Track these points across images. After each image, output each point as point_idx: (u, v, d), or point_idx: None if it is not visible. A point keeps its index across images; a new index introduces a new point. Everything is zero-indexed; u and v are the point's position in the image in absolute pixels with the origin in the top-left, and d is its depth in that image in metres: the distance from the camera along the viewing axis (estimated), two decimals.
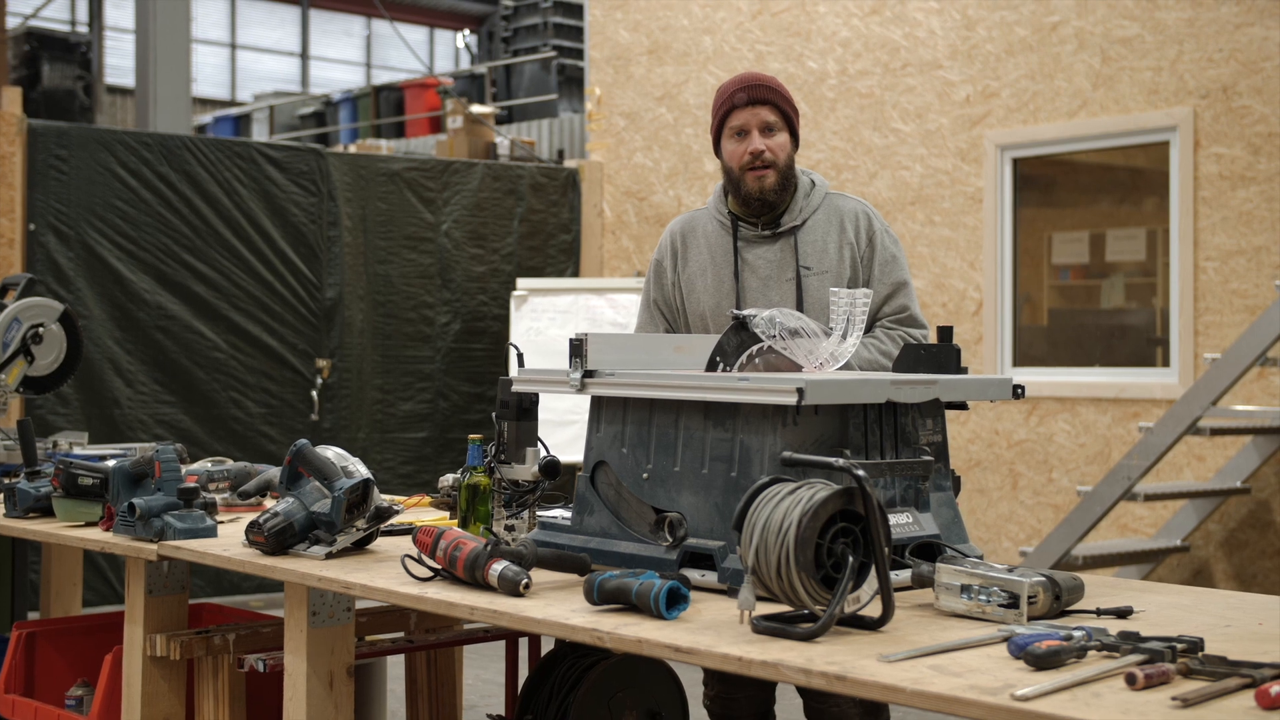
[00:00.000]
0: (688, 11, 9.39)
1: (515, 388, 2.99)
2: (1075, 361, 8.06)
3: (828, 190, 3.57)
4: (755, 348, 2.82)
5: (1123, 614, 2.36)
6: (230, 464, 4.12)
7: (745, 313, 2.84)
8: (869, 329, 3.51)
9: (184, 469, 3.99)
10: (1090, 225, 8.30)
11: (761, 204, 3.47)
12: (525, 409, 3.09)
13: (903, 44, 8.34)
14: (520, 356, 3.14)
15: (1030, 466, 7.78)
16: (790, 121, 3.48)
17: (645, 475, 2.73)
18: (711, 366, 2.84)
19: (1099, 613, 2.37)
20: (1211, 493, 6.92)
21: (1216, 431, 6.63)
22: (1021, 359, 8.04)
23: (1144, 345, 7.90)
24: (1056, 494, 7.67)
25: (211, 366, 8.11)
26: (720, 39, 9.20)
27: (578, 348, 2.82)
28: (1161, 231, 7.54)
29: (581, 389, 2.80)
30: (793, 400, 2.44)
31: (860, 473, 2.21)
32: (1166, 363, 7.47)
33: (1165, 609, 2.44)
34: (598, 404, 2.85)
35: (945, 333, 2.89)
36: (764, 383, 2.52)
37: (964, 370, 2.86)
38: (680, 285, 3.59)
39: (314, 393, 8.40)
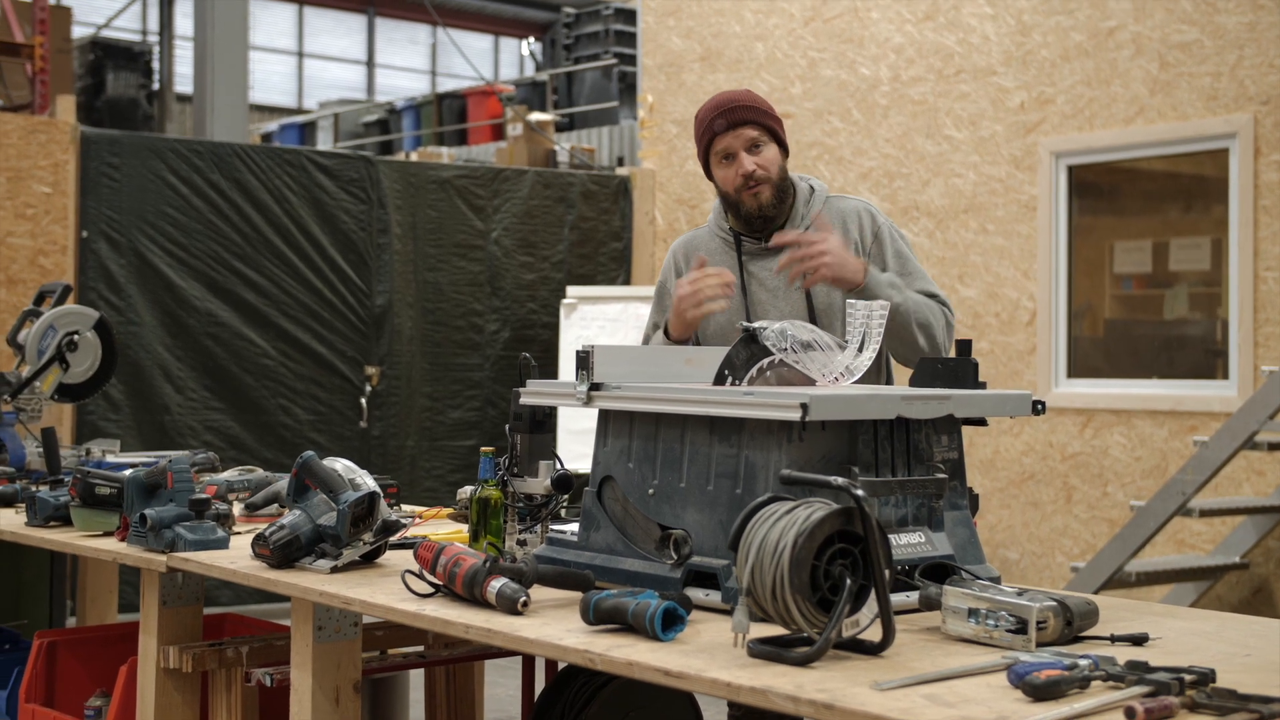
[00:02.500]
0: (740, 18, 9.31)
1: (523, 400, 2.93)
2: (1133, 373, 7.89)
3: (828, 195, 3.50)
4: (766, 361, 2.74)
5: (1137, 641, 2.26)
6: (257, 473, 4.10)
7: (756, 325, 2.76)
8: None
9: (209, 478, 3.99)
10: (1154, 234, 8.12)
11: (762, 220, 3.42)
12: (539, 421, 3.03)
13: (956, 50, 8.21)
14: (533, 369, 3.08)
15: (1085, 480, 7.62)
16: (775, 133, 3.42)
17: (651, 491, 2.66)
18: (720, 380, 2.76)
19: (1113, 639, 2.27)
20: (1271, 509, 6.74)
21: (1275, 446, 6.46)
22: (1077, 370, 7.87)
23: (1204, 357, 7.71)
24: (1111, 508, 7.50)
25: (261, 373, 8.13)
26: (772, 45, 9.11)
27: (584, 360, 2.75)
28: (1226, 240, 7.36)
29: (588, 402, 2.74)
30: (797, 416, 2.37)
31: (859, 492, 2.13)
32: (1226, 375, 7.28)
33: (1185, 635, 2.34)
34: (605, 418, 2.78)
35: (964, 346, 2.80)
36: (769, 397, 2.45)
37: (982, 385, 2.76)
38: None
39: (363, 400, 8.40)
